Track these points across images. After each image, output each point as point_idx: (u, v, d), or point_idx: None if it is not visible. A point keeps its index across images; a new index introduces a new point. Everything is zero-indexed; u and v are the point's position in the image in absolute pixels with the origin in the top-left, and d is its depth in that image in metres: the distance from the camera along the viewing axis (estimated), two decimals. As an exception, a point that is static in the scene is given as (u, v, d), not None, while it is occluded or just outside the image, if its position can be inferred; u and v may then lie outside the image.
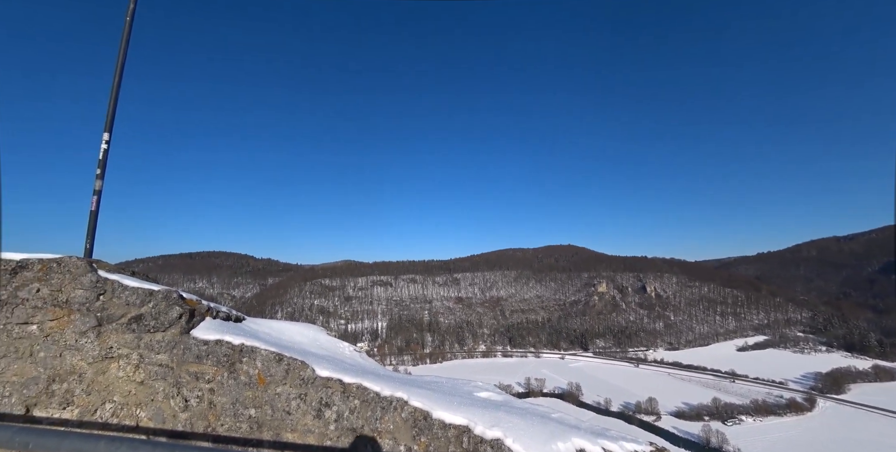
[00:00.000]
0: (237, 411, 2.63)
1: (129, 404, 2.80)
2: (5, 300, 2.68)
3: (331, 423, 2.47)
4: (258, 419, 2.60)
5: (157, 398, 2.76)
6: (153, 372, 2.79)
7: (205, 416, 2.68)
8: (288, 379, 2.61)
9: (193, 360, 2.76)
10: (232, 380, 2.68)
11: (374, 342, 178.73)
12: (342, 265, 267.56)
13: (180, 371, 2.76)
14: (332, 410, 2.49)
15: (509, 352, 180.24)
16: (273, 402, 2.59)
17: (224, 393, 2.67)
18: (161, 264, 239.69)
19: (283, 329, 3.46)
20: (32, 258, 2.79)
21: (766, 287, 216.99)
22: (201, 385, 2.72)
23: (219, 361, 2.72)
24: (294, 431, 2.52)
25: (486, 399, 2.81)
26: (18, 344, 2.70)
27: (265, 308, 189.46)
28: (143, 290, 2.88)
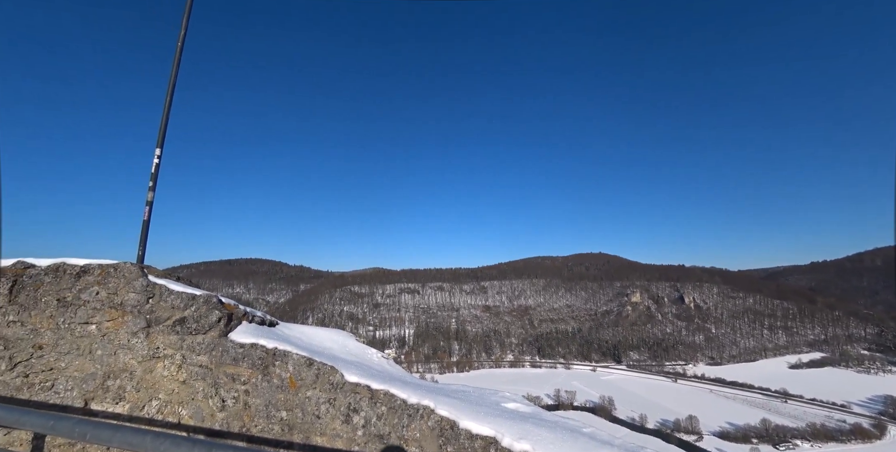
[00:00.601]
0: (270, 413, 2.72)
1: (172, 402, 2.97)
2: (70, 301, 2.93)
3: (358, 429, 2.50)
4: (289, 421, 2.67)
5: (198, 397, 2.90)
6: (194, 372, 2.95)
7: (240, 416, 2.78)
8: (318, 384, 2.67)
9: (230, 362, 2.88)
10: (265, 383, 2.77)
11: (401, 350, 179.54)
12: (371, 272, 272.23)
13: (218, 373, 2.89)
14: (360, 415, 2.52)
15: (538, 363, 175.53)
16: (304, 405, 2.65)
17: (258, 395, 2.77)
18: (202, 270, 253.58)
19: (314, 335, 3.55)
20: (93, 264, 3.04)
21: (823, 300, 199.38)
22: (237, 387, 2.83)
23: (253, 364, 2.83)
24: (323, 435, 2.57)
25: (514, 411, 2.75)
26: (80, 342, 2.94)
27: (297, 314, 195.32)
28: (187, 294, 3.06)
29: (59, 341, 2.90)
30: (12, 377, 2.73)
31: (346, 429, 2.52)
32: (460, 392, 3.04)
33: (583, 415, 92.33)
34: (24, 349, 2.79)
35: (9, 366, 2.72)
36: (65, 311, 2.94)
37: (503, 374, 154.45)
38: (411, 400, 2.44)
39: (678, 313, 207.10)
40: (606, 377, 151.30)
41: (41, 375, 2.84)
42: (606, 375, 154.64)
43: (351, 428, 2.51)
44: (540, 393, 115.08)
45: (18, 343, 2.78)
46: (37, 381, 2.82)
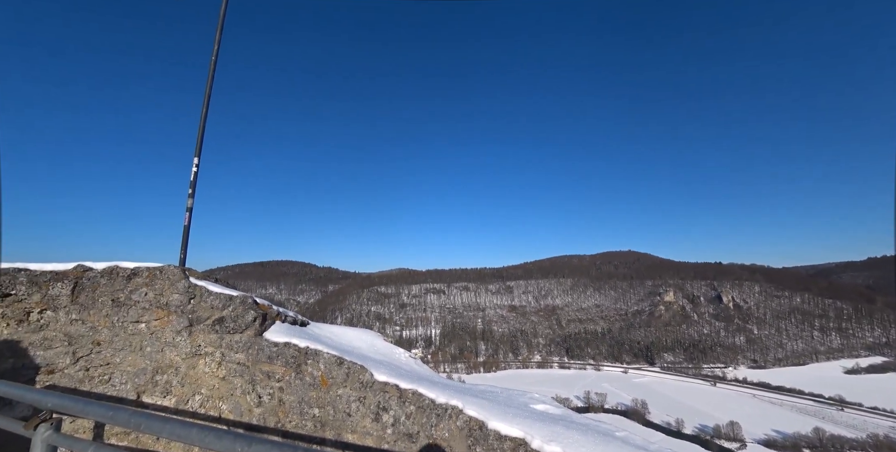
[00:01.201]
0: (303, 409, 2.82)
1: (213, 397, 3.13)
2: (122, 301, 3.16)
3: (388, 427, 2.54)
4: (321, 418, 2.76)
5: (236, 393, 3.05)
6: (232, 369, 3.10)
7: (275, 412, 2.90)
8: (348, 382, 2.74)
9: (265, 360, 3.01)
10: (298, 380, 2.88)
11: (427, 349, 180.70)
12: (397, 273, 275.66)
13: (255, 370, 3.02)
14: (389, 414, 2.57)
15: (567, 364, 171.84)
16: (335, 403, 2.73)
17: (291, 392, 2.88)
18: (237, 272, 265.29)
19: (343, 334, 3.65)
20: (142, 267, 3.26)
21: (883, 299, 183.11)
22: (272, 384, 2.96)
23: (287, 362, 2.94)
24: (354, 432, 2.63)
25: (543, 412, 2.71)
26: (132, 339, 3.15)
27: (326, 314, 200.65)
28: (225, 295, 3.22)
29: (114, 338, 3.13)
30: (75, 371, 2.98)
31: (376, 427, 2.57)
32: (488, 393, 3.03)
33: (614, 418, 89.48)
34: (84, 345, 3.03)
35: (72, 360, 2.97)
36: (118, 310, 3.16)
37: (531, 375, 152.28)
38: (439, 400, 2.46)
39: (716, 312, 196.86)
40: (639, 379, 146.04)
41: (99, 369, 3.07)
42: (639, 377, 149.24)
43: (380, 426, 2.56)
44: (569, 395, 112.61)
45: (80, 339, 3.02)
46: (96, 374, 3.05)
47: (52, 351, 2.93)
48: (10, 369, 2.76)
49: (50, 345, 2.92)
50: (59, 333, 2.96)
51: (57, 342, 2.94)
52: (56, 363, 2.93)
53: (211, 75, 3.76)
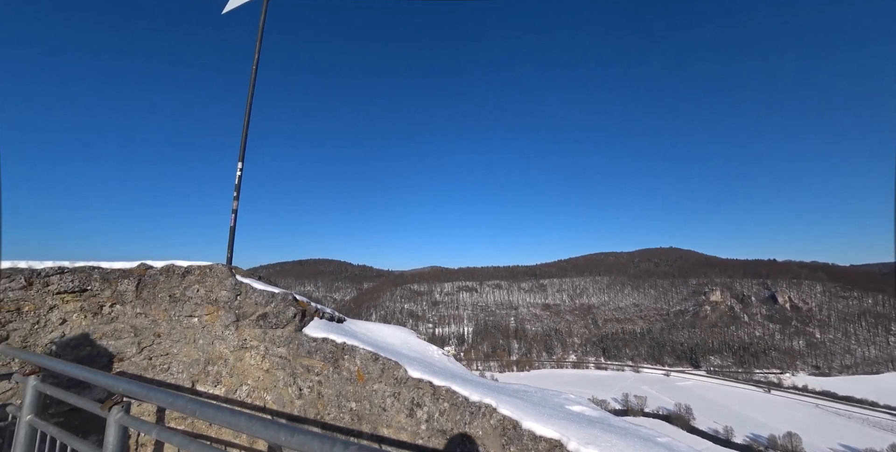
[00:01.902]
0: (340, 403, 2.93)
1: (258, 388, 3.32)
2: (178, 297, 3.43)
3: (422, 423, 2.59)
4: (358, 412, 2.85)
5: (279, 385, 3.21)
6: (275, 363, 3.27)
7: (315, 404, 3.03)
8: (383, 378, 2.81)
9: (305, 354, 3.15)
10: (336, 375, 2.99)
11: (460, 347, 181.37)
12: (429, 271, 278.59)
13: (295, 364, 3.17)
14: (423, 410, 2.61)
15: (603, 364, 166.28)
16: (371, 398, 2.81)
17: (330, 386, 2.99)
18: (278, 270, 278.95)
19: (378, 331, 3.74)
20: (194, 265, 3.52)
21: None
22: (312, 377, 3.09)
23: (325, 357, 3.07)
24: (389, 427, 2.70)
25: (580, 414, 2.65)
26: (186, 332, 3.41)
27: (361, 311, 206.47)
28: (267, 292, 3.40)
29: (171, 330, 3.40)
30: (140, 359, 3.27)
31: (411, 423, 2.62)
32: (522, 392, 3.00)
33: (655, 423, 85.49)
34: (147, 337, 3.32)
35: (138, 350, 3.26)
36: (175, 305, 3.43)
37: (565, 375, 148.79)
38: (473, 398, 2.47)
39: (769, 314, 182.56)
40: (682, 382, 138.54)
41: (160, 358, 3.35)
42: (682, 380, 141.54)
43: (415, 422, 2.61)
44: (606, 397, 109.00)
45: (143, 331, 3.31)
46: (157, 363, 3.33)
47: (121, 341, 3.23)
48: (87, 356, 3.07)
49: (119, 336, 3.22)
50: (127, 325, 3.26)
51: (125, 334, 3.24)
52: (124, 352, 3.23)
53: (252, 85, 3.97)
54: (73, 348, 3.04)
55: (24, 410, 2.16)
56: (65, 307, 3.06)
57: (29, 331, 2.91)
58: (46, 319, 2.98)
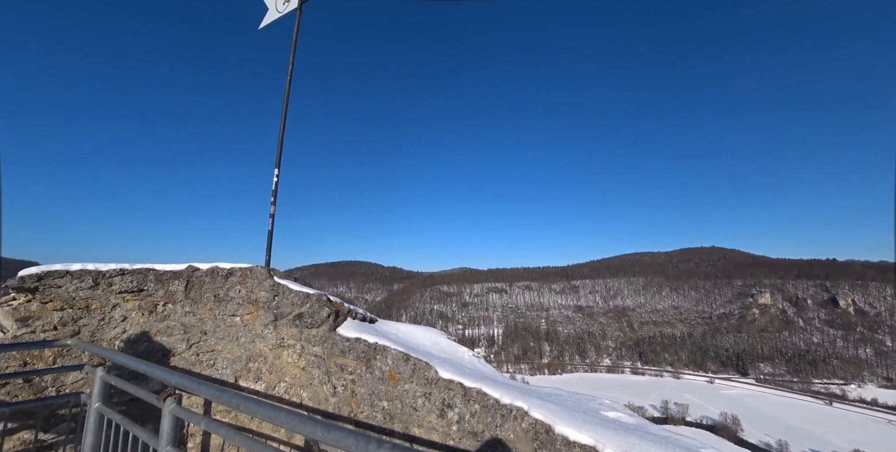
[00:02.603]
0: (373, 401, 3.00)
1: (295, 385, 3.46)
2: (222, 297, 3.64)
3: (453, 424, 2.60)
4: (390, 411, 2.91)
5: (314, 382, 3.34)
6: (311, 361, 3.40)
7: (348, 403, 3.12)
8: (414, 378, 2.85)
9: (339, 354, 3.25)
10: (368, 374, 3.06)
11: (490, 349, 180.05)
12: (458, 272, 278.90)
13: (330, 362, 3.28)
14: (454, 411, 2.62)
15: (640, 369, 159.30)
16: (402, 397, 2.86)
17: (363, 385, 3.07)
18: (312, 272, 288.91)
19: (409, 332, 3.80)
20: (236, 267, 3.73)
21: None
22: (345, 376, 3.18)
23: (358, 356, 3.15)
24: (420, 427, 2.74)
25: (615, 420, 2.56)
26: (230, 330, 3.62)
27: (391, 311, 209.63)
28: (303, 293, 3.54)
29: (216, 328, 3.62)
30: (189, 355, 3.50)
31: (442, 423, 2.65)
32: (554, 396, 2.95)
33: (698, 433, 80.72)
34: (195, 334, 3.55)
35: (187, 346, 3.50)
36: (219, 305, 3.65)
37: (599, 379, 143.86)
38: (504, 400, 2.45)
39: (829, 318, 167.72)
40: (728, 390, 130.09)
41: (206, 355, 3.57)
42: (727, 388, 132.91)
43: (446, 423, 2.63)
44: (643, 403, 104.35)
45: (192, 329, 3.55)
46: (204, 359, 3.55)
47: (173, 338, 3.47)
48: (144, 351, 3.33)
49: (171, 333, 3.47)
50: (177, 323, 3.51)
51: (175, 331, 3.49)
52: (175, 347, 3.48)
53: (286, 95, 4.17)
54: (133, 343, 3.30)
55: (94, 398, 2.38)
56: (125, 305, 3.34)
57: (96, 327, 3.19)
58: (110, 316, 3.26)
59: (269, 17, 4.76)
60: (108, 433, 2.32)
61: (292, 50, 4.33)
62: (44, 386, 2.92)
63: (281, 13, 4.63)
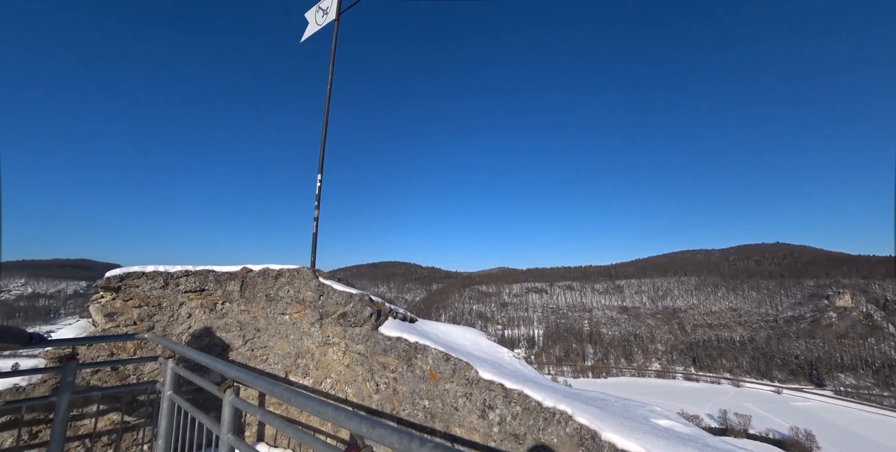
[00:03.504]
0: (414, 400, 3.05)
1: (340, 381, 3.61)
2: (272, 296, 3.88)
3: (494, 425, 2.58)
4: (431, 410, 2.94)
5: (358, 379, 3.45)
6: (355, 359, 3.52)
7: (390, 400, 3.20)
8: (454, 378, 2.87)
9: (381, 352, 3.34)
10: (410, 373, 3.12)
11: (530, 350, 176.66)
12: (497, 272, 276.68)
13: (372, 361, 3.38)
14: (495, 413, 2.60)
15: (694, 375, 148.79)
16: (443, 397, 2.89)
17: (404, 383, 3.14)
18: (353, 272, 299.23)
19: (448, 332, 3.82)
20: (285, 268, 3.96)
21: None
22: (387, 374, 3.27)
23: (399, 355, 3.22)
24: (461, 426, 2.75)
25: (668, 429, 2.42)
26: (280, 328, 3.85)
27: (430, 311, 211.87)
28: (346, 293, 3.68)
29: (268, 326, 3.86)
30: (245, 351, 3.77)
31: (483, 424, 2.64)
32: (600, 401, 2.84)
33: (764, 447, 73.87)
34: (249, 331, 3.82)
35: (242, 342, 3.77)
36: (270, 304, 3.89)
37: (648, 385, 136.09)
38: (546, 403, 2.40)
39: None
40: (799, 402, 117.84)
41: (260, 350, 3.82)
42: (799, 400, 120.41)
43: (487, 424, 2.62)
44: (699, 412, 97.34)
45: (247, 326, 3.81)
46: (258, 354, 3.81)
47: (230, 334, 3.75)
48: (207, 345, 3.63)
49: (229, 329, 3.75)
50: (234, 320, 3.79)
51: (233, 328, 3.77)
52: (233, 343, 3.75)
53: (327, 104, 4.36)
54: (197, 338, 3.61)
55: (166, 386, 2.63)
56: (190, 303, 3.66)
57: (167, 323, 3.53)
58: (178, 313, 3.59)
59: (309, 30, 5.00)
60: (178, 418, 2.56)
61: (331, 60, 4.52)
62: (126, 374, 3.27)
63: (320, 26, 4.85)
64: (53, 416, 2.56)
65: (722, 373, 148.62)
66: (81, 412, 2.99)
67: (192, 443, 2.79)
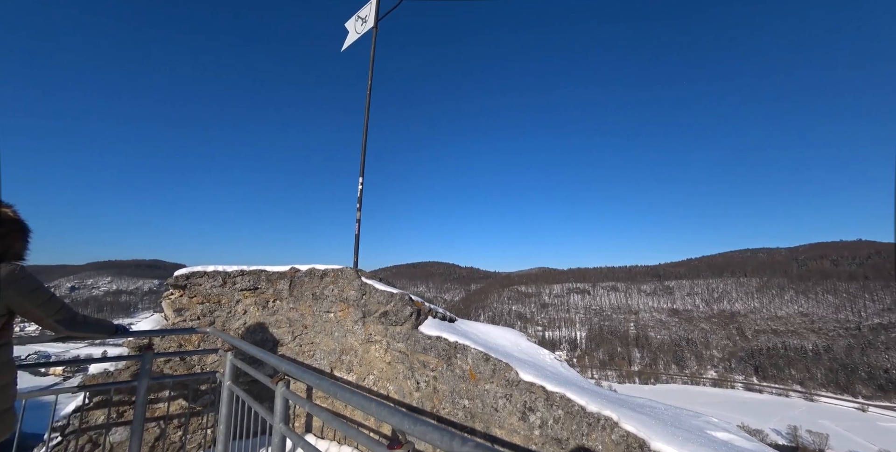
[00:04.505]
0: (454, 399, 3.07)
1: (382, 378, 3.71)
2: (318, 295, 4.08)
3: (535, 428, 2.54)
4: (471, 410, 2.94)
5: (399, 377, 3.53)
6: (396, 357, 3.60)
7: (431, 398, 3.24)
8: (494, 378, 2.85)
9: (421, 351, 3.40)
10: (449, 372, 3.14)
11: (572, 352, 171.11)
12: (537, 272, 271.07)
13: (413, 359, 3.45)
14: (536, 415, 2.56)
15: (756, 386, 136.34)
16: (483, 397, 2.88)
17: (444, 382, 3.17)
18: (394, 272, 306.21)
19: (488, 332, 3.81)
20: (329, 268, 4.14)
21: None
22: (427, 373, 3.31)
23: (439, 354, 3.26)
24: (501, 428, 2.72)
25: (727, 442, 2.24)
26: (325, 326, 4.04)
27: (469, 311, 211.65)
28: (387, 292, 3.78)
29: (314, 323, 4.06)
30: (294, 346, 3.99)
31: (523, 426, 2.60)
32: (648, 408, 2.69)
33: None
34: (298, 328, 4.04)
35: (291, 338, 4.00)
36: (316, 302, 4.09)
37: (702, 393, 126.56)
38: (590, 408, 2.32)
39: None
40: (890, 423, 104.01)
41: (307, 346, 4.03)
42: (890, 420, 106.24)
43: (528, 426, 2.58)
44: (763, 427, 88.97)
45: (295, 323, 4.04)
46: (305, 350, 4.02)
47: (280, 330, 3.99)
48: (259, 340, 3.89)
49: (279, 326, 3.99)
50: (284, 317, 4.03)
51: (283, 324, 4.01)
52: (283, 339, 3.99)
53: (367, 110, 4.51)
54: (251, 333, 3.88)
55: (225, 377, 2.86)
56: (245, 301, 3.94)
57: (225, 318, 3.82)
58: (234, 310, 3.88)
59: (349, 39, 5.19)
60: (236, 406, 2.77)
61: (370, 66, 4.67)
62: (192, 364, 3.59)
63: (359, 34, 5.03)
64: (135, 398, 2.87)
65: (791, 385, 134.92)
66: (156, 396, 3.33)
67: (247, 430, 3.01)
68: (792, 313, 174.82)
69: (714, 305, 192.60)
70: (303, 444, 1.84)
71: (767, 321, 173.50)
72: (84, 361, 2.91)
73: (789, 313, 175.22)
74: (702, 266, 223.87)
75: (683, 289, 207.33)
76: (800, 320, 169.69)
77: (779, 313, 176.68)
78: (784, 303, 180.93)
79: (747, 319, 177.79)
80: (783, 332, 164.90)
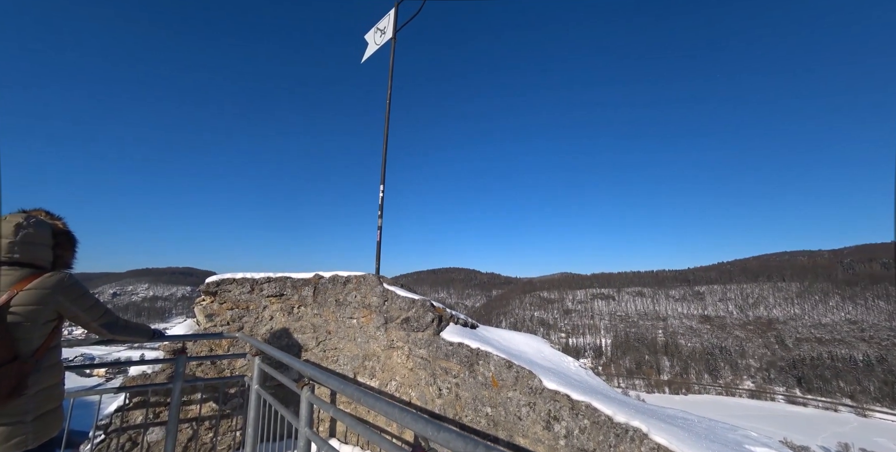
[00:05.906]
0: (476, 406, 3.04)
1: (404, 384, 3.72)
2: (341, 301, 4.16)
3: (560, 438, 2.48)
4: (494, 417, 2.91)
5: (421, 383, 3.53)
6: (418, 363, 3.61)
7: (453, 405, 3.22)
8: (517, 386, 2.81)
9: (443, 357, 3.39)
10: (471, 379, 3.12)
11: (597, 360, 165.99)
12: (559, 278, 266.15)
13: (434, 365, 3.45)
14: (561, 425, 2.50)
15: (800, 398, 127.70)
16: (506, 405, 2.84)
17: (466, 389, 3.14)
18: (415, 278, 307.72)
19: (510, 338, 3.76)
20: (352, 275, 4.22)
21: None
22: (449, 379, 3.30)
23: (461, 360, 3.24)
24: (525, 436, 2.67)
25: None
26: (348, 331, 4.10)
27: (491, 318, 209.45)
28: (409, 298, 3.81)
29: (338, 329, 4.13)
30: (318, 351, 4.07)
31: (548, 436, 2.54)
32: (680, 420, 2.58)
33: (904, 491, 60.59)
34: (322, 333, 4.12)
35: (315, 344, 4.08)
36: (339, 308, 4.16)
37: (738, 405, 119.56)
38: (618, 418, 2.25)
39: None
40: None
41: (331, 352, 4.10)
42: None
43: (552, 436, 2.52)
44: (809, 443, 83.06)
45: (319, 329, 4.12)
46: (329, 356, 4.08)
47: (305, 336, 4.08)
48: (285, 345, 3.99)
49: (304, 331, 4.08)
50: (308, 323, 4.12)
51: (307, 330, 4.10)
52: (307, 344, 4.07)
53: (387, 119, 4.61)
54: (278, 338, 3.98)
55: (253, 381, 2.95)
56: (271, 307, 4.06)
57: (253, 324, 3.95)
58: (261, 315, 4.00)
59: (368, 50, 5.34)
60: (263, 410, 2.85)
61: (390, 76, 4.78)
62: (222, 368, 3.72)
63: (379, 45, 5.16)
64: (170, 400, 3.00)
65: (840, 398, 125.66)
66: (189, 398, 3.46)
67: (274, 433, 3.07)
68: (838, 320, 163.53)
69: (749, 311, 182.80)
70: (327, 448, 1.87)
71: (810, 329, 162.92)
72: (125, 363, 3.08)
73: (835, 320, 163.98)
74: (735, 270, 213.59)
75: (715, 294, 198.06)
76: (847, 328, 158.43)
77: (823, 320, 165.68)
78: (829, 310, 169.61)
79: (787, 326, 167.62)
80: (829, 341, 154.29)
